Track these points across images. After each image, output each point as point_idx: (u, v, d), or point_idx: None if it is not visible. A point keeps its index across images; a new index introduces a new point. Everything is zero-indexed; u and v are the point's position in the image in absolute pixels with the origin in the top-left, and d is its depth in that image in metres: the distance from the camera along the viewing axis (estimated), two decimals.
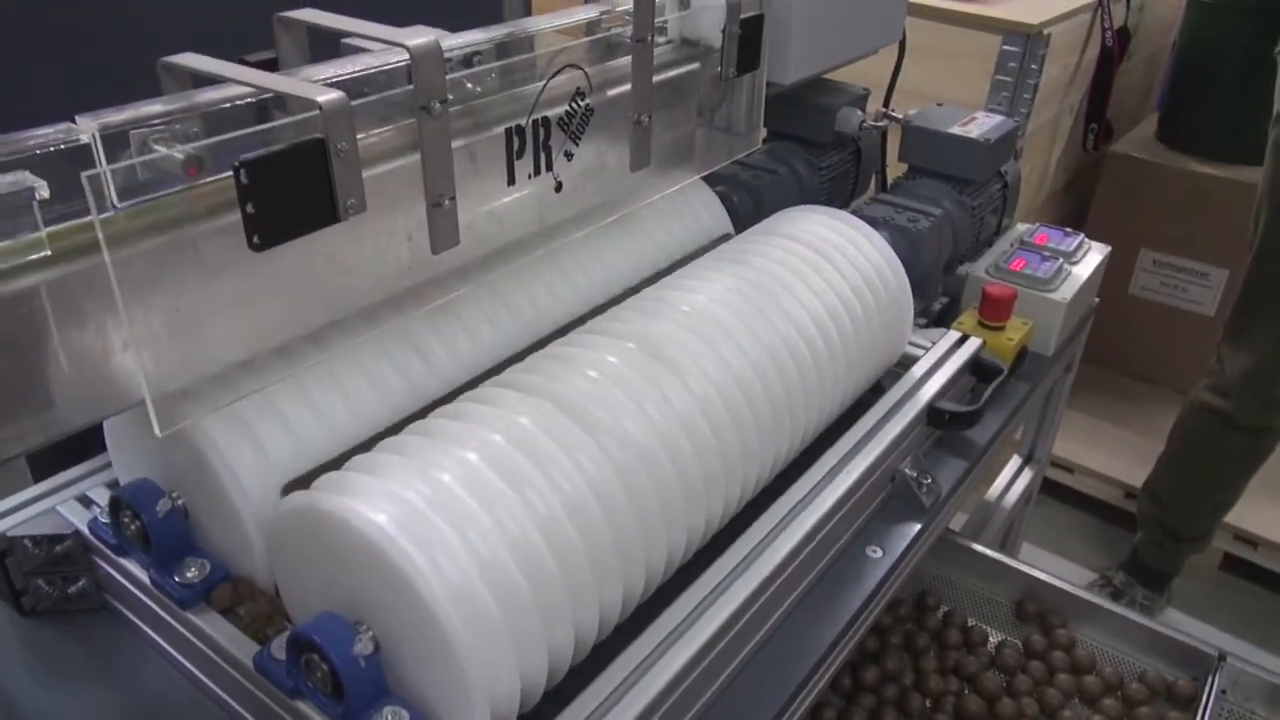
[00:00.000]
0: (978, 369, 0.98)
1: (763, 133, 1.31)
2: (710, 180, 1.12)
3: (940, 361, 0.95)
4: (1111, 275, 2.13)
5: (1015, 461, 1.38)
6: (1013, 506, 1.30)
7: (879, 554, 0.82)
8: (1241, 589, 1.87)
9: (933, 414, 0.90)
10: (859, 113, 1.20)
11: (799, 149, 1.22)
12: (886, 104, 1.32)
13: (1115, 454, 1.97)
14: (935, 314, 1.13)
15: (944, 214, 1.09)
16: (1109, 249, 1.22)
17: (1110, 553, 1.90)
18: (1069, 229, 1.23)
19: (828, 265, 0.88)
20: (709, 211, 1.01)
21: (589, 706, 0.58)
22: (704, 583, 0.67)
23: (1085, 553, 1.92)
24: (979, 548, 1.05)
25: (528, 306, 0.82)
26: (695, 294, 0.80)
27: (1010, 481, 1.34)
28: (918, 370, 0.93)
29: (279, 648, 0.57)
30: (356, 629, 0.55)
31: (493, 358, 0.78)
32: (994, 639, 1.00)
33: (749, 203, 1.12)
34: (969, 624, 1.01)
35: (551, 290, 0.84)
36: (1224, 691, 0.92)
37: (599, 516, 0.62)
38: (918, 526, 0.85)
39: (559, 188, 0.74)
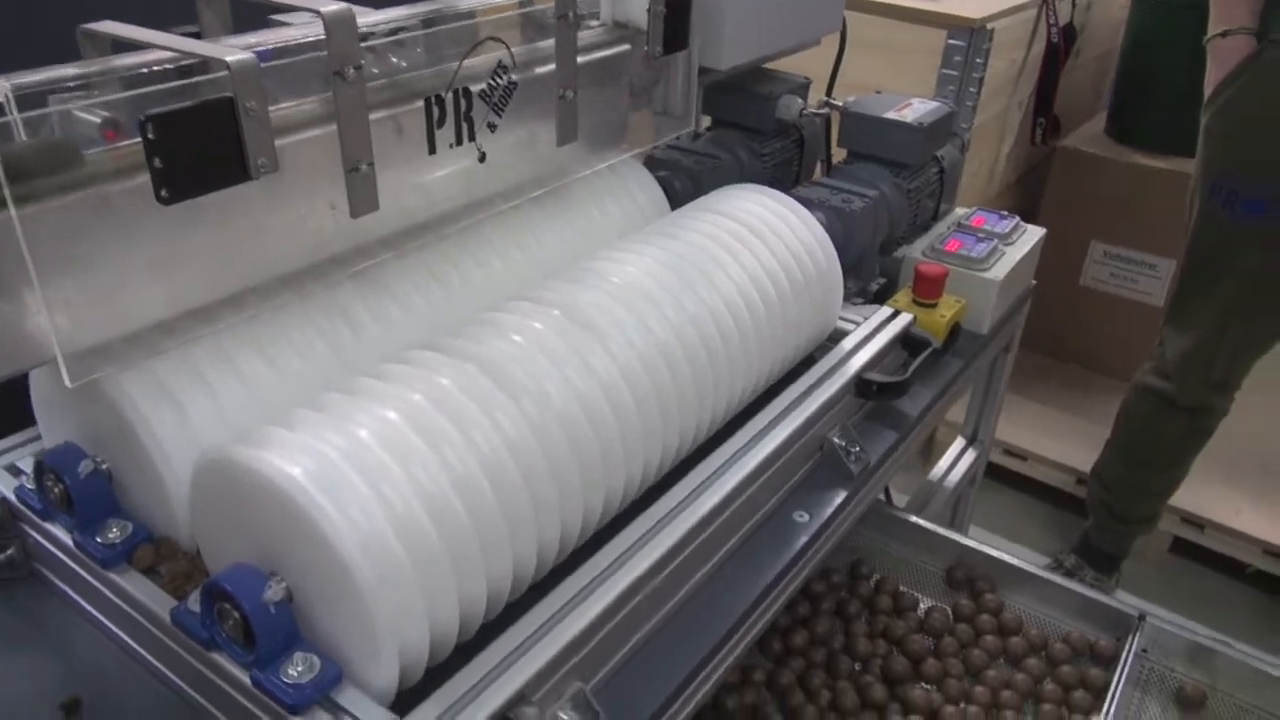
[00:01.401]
0: (908, 343, 1.00)
1: (706, 121, 1.34)
2: (652, 165, 1.14)
3: (871, 335, 0.97)
4: (1063, 267, 2.19)
5: (960, 443, 1.41)
6: (955, 486, 1.32)
7: (805, 518, 0.84)
8: (1191, 571, 1.90)
9: (861, 385, 0.92)
10: (799, 100, 1.22)
11: (742, 136, 1.24)
12: (829, 93, 1.35)
13: (1067, 441, 2.00)
14: (873, 294, 1.16)
15: (879, 196, 1.11)
16: (1044, 231, 1.25)
17: (1062, 537, 1.93)
18: (1006, 212, 1.26)
19: (757, 241, 0.90)
20: (646, 193, 1.02)
21: (497, 656, 0.59)
22: (624, 539, 0.69)
23: (1038, 538, 1.95)
24: (913, 518, 1.08)
25: (458, 280, 0.83)
26: (624, 265, 0.81)
27: (954, 462, 1.36)
28: (848, 343, 0.95)
29: (195, 601, 0.58)
30: (268, 577, 0.56)
31: (424, 330, 0.79)
32: (924, 605, 1.02)
33: (690, 187, 1.14)
34: (900, 590, 1.03)
35: (483, 264, 0.86)
36: (1144, 650, 0.95)
37: (515, 475, 0.63)
38: (844, 493, 0.87)
39: (483, 158, 0.75)
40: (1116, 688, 0.87)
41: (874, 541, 1.10)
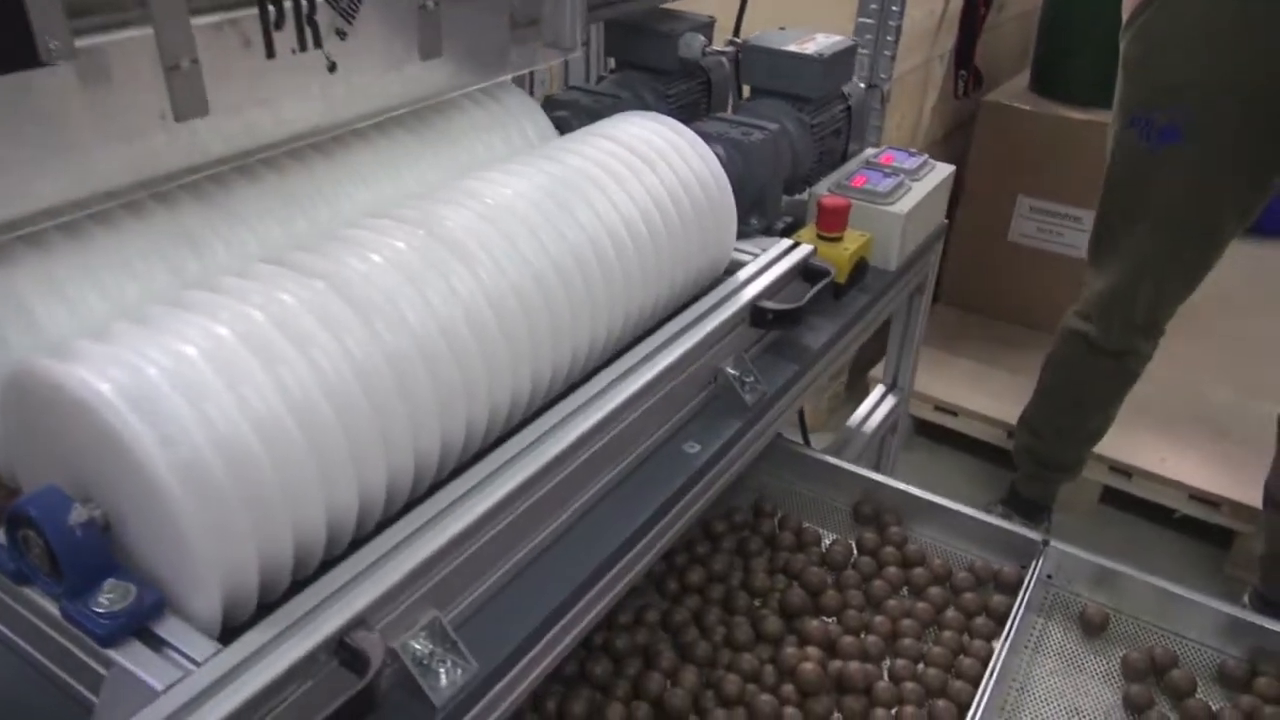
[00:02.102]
0: (809, 275, 0.98)
1: (611, 64, 1.30)
2: (551, 105, 1.10)
3: (768, 266, 0.94)
4: (991, 224, 2.19)
5: (879, 390, 1.39)
6: (874, 432, 1.30)
7: (696, 449, 0.81)
8: (1121, 520, 1.92)
9: (755, 313, 0.89)
10: (701, 38, 1.19)
11: (646, 77, 1.21)
12: (736, 33, 1.32)
13: (997, 396, 2.00)
14: (778, 233, 1.13)
15: (780, 130, 1.08)
16: (953, 168, 1.23)
17: (994, 491, 1.93)
18: (915, 150, 1.24)
19: (645, 167, 0.87)
20: (535, 128, 0.98)
21: (339, 581, 0.55)
22: (488, 463, 0.65)
23: (971, 493, 1.95)
24: (819, 455, 1.05)
25: (324, 210, 0.79)
26: (499, 186, 0.77)
27: (873, 408, 1.34)
28: (743, 274, 0.92)
29: (3, 535, 0.54)
30: (77, 501, 0.51)
31: None
32: (828, 540, 1.00)
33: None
34: (803, 527, 1.00)
35: (351, 195, 0.81)
36: (1049, 576, 0.94)
37: (362, 401, 0.59)
38: (738, 424, 0.84)
39: (333, 68, 0.71)
40: (1017, 613, 0.85)
41: (781, 481, 1.08)
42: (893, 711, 0.82)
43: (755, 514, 1.02)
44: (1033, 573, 0.89)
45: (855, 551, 0.99)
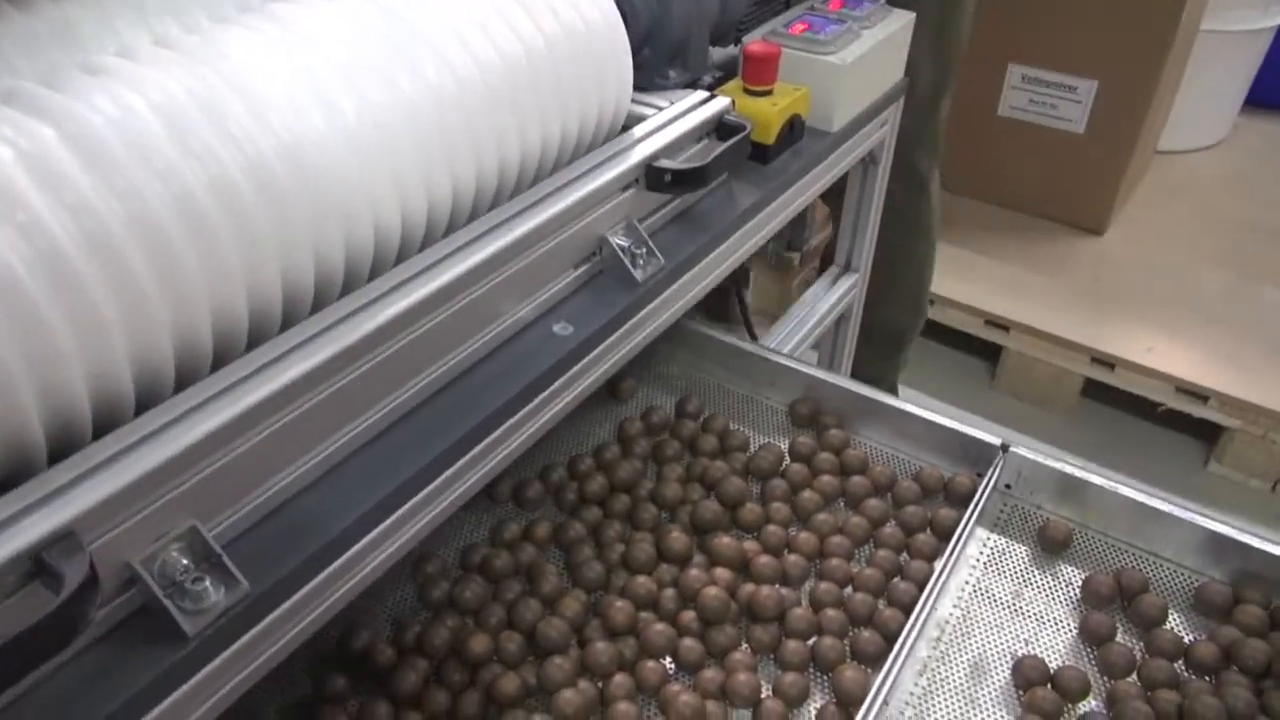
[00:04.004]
0: (724, 131, 0.84)
1: None
2: None
3: (671, 121, 0.81)
4: (979, 97, 2.01)
5: (833, 271, 1.26)
6: (822, 317, 1.18)
7: (568, 331, 0.69)
8: (1103, 414, 1.81)
9: (651, 174, 0.76)
10: None
11: None
12: None
13: (976, 284, 1.87)
14: (706, 89, 0.98)
15: None
16: (913, 15, 1.07)
17: (969, 386, 1.82)
18: None
19: (511, 2, 0.72)
20: None
21: (48, 486, 0.44)
22: (275, 345, 0.54)
23: (942, 385, 1.84)
24: (753, 346, 0.94)
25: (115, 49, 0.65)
26: (313, 14, 0.63)
27: (823, 292, 1.22)
28: (640, 130, 0.79)
29: None
30: None
31: None
32: (756, 445, 0.89)
33: None
34: (729, 429, 0.89)
35: (161, 38, 0.67)
36: (1009, 486, 0.83)
37: (94, 274, 0.47)
38: (624, 303, 0.72)
39: None
40: (966, 528, 0.74)
41: (711, 376, 0.96)
42: (809, 643, 0.72)
43: (677, 414, 0.90)
44: (988, 482, 0.77)
45: (787, 458, 0.88)
